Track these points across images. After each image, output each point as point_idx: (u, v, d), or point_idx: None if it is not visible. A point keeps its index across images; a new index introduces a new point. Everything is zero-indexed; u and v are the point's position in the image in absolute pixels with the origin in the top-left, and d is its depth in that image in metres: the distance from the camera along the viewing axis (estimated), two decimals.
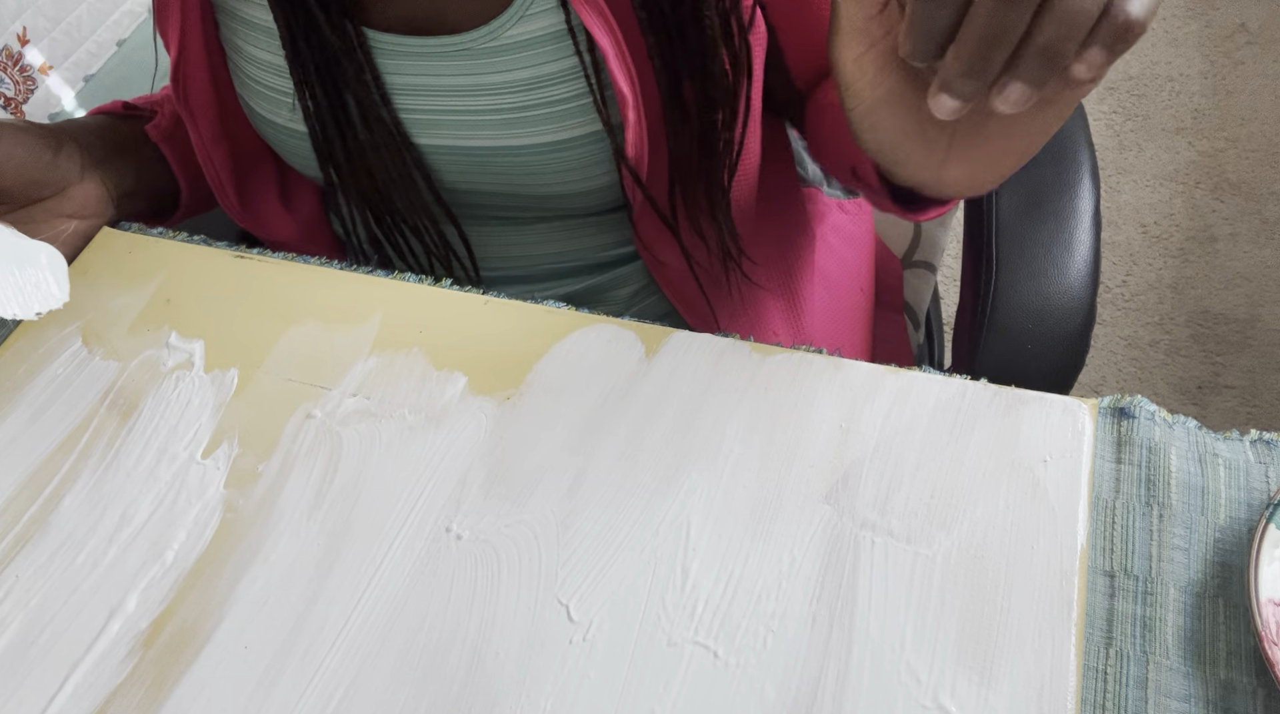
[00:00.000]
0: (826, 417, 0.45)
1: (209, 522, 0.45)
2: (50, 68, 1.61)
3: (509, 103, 0.54)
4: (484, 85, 0.54)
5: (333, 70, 0.55)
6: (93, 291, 0.55)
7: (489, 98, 0.55)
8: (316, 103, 0.56)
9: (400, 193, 0.59)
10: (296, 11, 0.54)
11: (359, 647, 0.41)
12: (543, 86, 0.54)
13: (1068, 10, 0.29)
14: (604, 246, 0.65)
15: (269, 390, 0.49)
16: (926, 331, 0.90)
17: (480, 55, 0.54)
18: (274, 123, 0.59)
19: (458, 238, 0.63)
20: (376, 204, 0.60)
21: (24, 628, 0.43)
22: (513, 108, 0.54)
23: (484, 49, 0.53)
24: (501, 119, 0.55)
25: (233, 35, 0.58)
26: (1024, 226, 0.64)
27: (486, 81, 0.54)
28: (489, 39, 0.53)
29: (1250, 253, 1.47)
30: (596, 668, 0.40)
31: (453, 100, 0.55)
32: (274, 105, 0.58)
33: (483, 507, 0.44)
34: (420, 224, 0.60)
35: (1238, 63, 1.70)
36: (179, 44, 0.57)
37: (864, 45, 0.35)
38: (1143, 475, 0.42)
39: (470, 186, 0.59)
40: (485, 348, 0.50)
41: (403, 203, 0.59)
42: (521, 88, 0.54)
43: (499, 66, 0.54)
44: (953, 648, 0.39)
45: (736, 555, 0.42)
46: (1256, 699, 0.37)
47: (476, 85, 0.55)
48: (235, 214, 0.65)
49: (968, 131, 0.37)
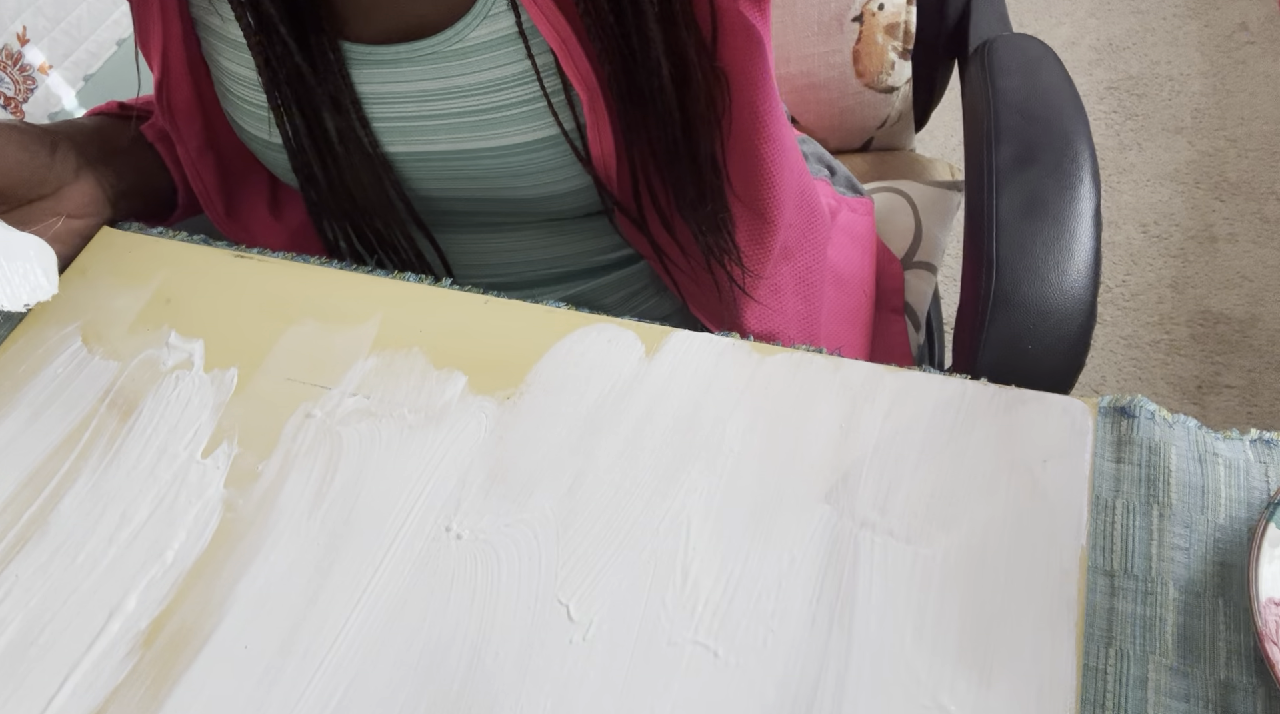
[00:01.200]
0: (826, 416, 0.45)
1: (209, 521, 0.45)
2: (50, 68, 1.61)
3: (476, 104, 0.54)
4: (452, 89, 0.54)
5: (308, 89, 0.55)
6: (93, 291, 0.55)
7: (457, 100, 0.55)
8: (293, 123, 0.56)
9: (378, 211, 0.59)
10: (268, 32, 0.54)
11: (359, 646, 0.41)
12: (507, 87, 0.54)
13: None
14: (599, 249, 0.65)
15: (269, 390, 0.49)
16: (927, 332, 0.90)
17: (448, 58, 0.54)
18: (257, 138, 0.59)
19: (433, 251, 0.63)
20: (357, 220, 0.60)
21: (24, 628, 0.43)
22: (480, 109, 0.54)
23: (450, 52, 0.53)
24: (470, 122, 0.55)
25: (213, 51, 0.58)
26: (1024, 227, 0.64)
27: (454, 84, 0.54)
28: (455, 41, 0.53)
29: (1250, 253, 1.47)
30: (596, 668, 0.40)
31: (423, 105, 0.55)
32: (256, 121, 0.58)
33: (483, 506, 0.44)
34: (397, 241, 0.60)
35: (1238, 63, 1.70)
36: (161, 61, 0.57)
37: None
38: (1143, 475, 0.42)
39: (447, 193, 0.59)
40: (485, 348, 0.50)
41: (380, 221, 0.60)
42: (487, 89, 0.54)
43: (465, 69, 0.54)
44: (953, 648, 0.38)
45: (736, 555, 0.42)
46: (1256, 699, 0.37)
47: (445, 89, 0.55)
48: (222, 226, 0.65)
49: None
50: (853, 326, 0.72)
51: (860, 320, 0.73)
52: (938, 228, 0.85)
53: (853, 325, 0.72)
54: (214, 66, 0.59)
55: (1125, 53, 1.75)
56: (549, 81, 0.53)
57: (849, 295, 0.72)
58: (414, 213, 0.59)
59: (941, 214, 0.86)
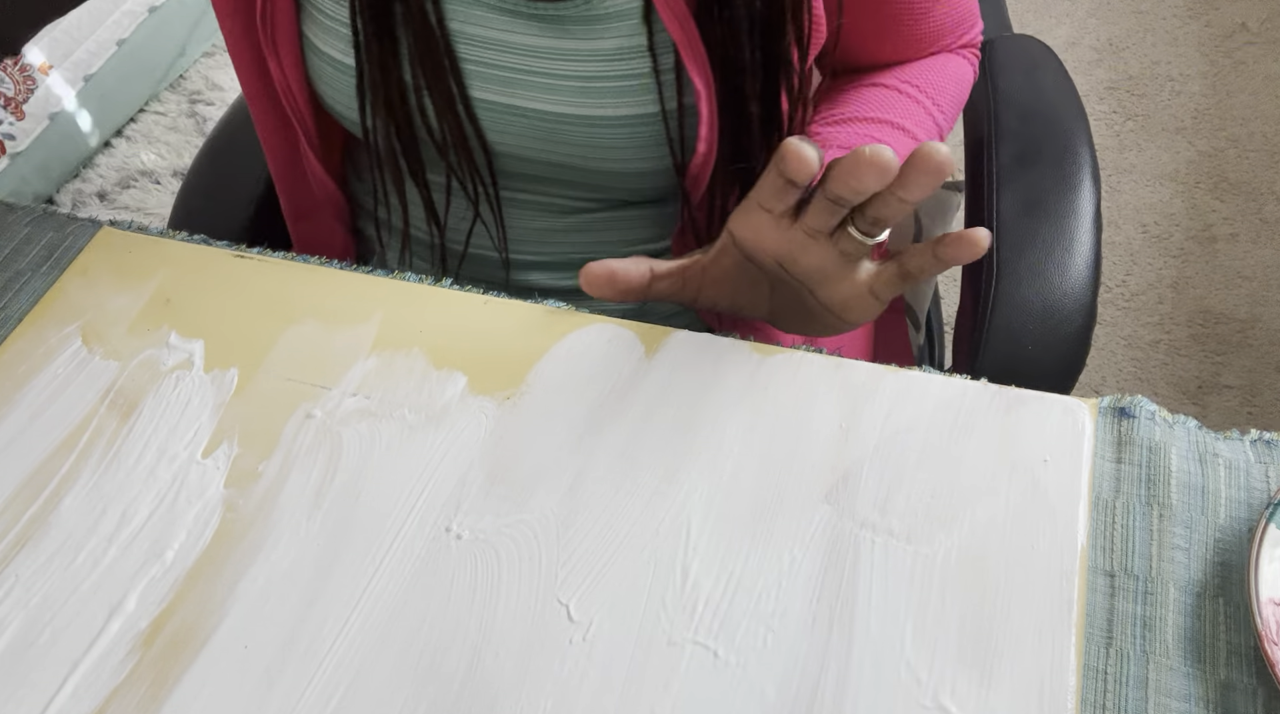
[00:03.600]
0: (826, 416, 0.45)
1: (209, 521, 0.45)
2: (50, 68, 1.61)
3: (590, 70, 0.54)
4: (568, 50, 0.54)
5: (390, 2, 0.54)
6: (93, 291, 0.55)
7: (572, 63, 0.54)
8: (367, 28, 0.55)
9: (452, 145, 0.58)
10: None
11: (359, 646, 0.41)
12: (625, 58, 0.54)
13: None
14: (633, 242, 0.65)
15: (269, 390, 0.50)
16: (927, 332, 0.90)
17: (574, 22, 0.54)
18: (327, 54, 0.58)
19: (488, 208, 0.62)
20: (411, 149, 0.59)
21: (24, 628, 0.43)
22: (593, 76, 0.54)
23: (579, 15, 0.53)
24: (579, 87, 0.55)
25: None
26: (1025, 227, 0.64)
27: (572, 46, 0.54)
28: (586, 8, 0.53)
29: (1250, 253, 1.47)
30: (596, 668, 0.40)
31: (530, 60, 0.55)
32: (330, 35, 0.58)
33: (483, 507, 0.44)
34: (462, 169, 0.60)
35: (1238, 63, 1.70)
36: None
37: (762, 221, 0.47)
38: (1143, 475, 0.42)
39: (523, 151, 0.59)
40: (485, 348, 0.50)
41: (453, 155, 0.59)
42: (605, 57, 0.54)
43: (588, 34, 0.54)
44: (953, 648, 0.39)
45: (736, 555, 0.42)
46: (1256, 699, 0.37)
47: (560, 49, 0.54)
48: (314, 149, 0.64)
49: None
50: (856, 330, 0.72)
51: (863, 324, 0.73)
52: (938, 228, 0.85)
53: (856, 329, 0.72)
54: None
55: (1125, 53, 1.75)
56: (664, 59, 0.53)
57: None
58: (490, 161, 0.59)
59: (942, 214, 0.86)
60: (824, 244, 0.46)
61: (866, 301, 0.48)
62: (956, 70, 0.65)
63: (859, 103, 0.61)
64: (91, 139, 1.72)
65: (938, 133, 0.63)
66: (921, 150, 0.40)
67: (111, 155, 1.75)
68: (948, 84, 0.64)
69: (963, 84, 0.66)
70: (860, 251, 0.46)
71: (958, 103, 0.65)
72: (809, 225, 0.45)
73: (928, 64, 0.64)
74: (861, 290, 0.47)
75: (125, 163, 1.74)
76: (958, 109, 0.65)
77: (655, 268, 0.50)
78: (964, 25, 0.65)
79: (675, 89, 0.54)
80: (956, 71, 0.65)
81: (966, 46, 0.67)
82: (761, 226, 0.47)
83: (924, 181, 0.41)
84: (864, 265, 0.47)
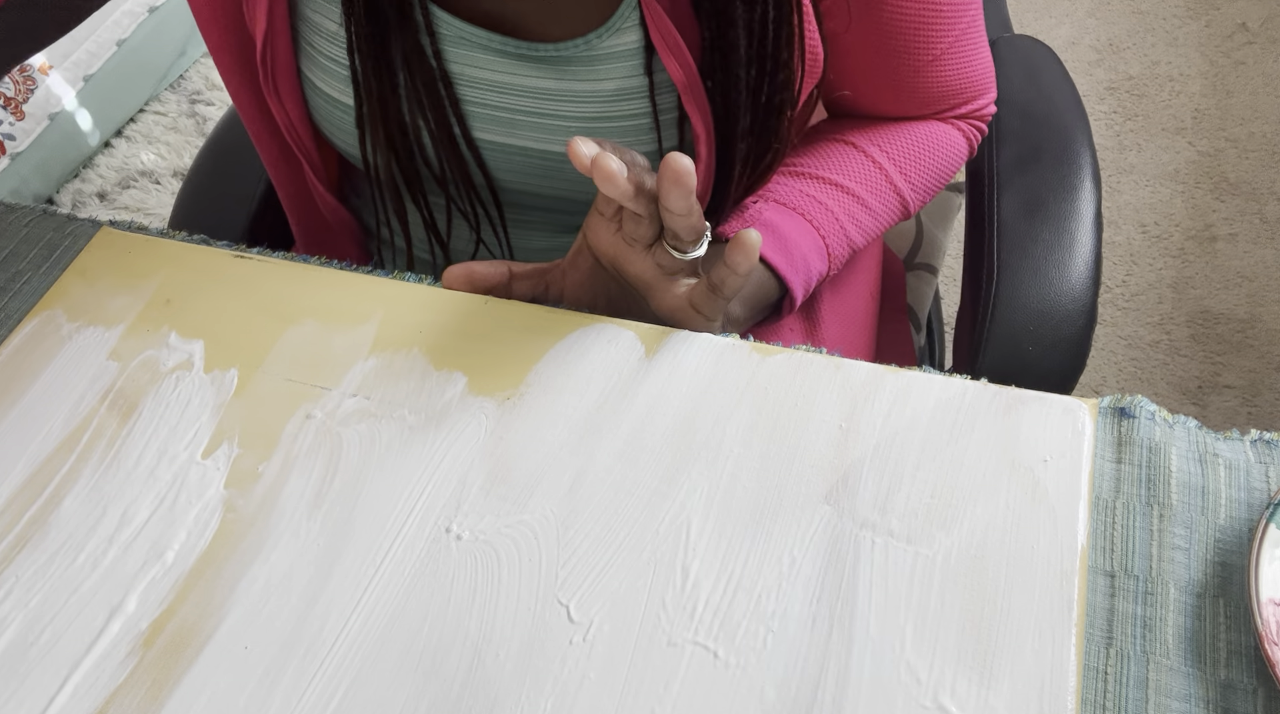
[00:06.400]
0: (826, 417, 0.45)
1: (209, 522, 0.45)
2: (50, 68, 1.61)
3: (591, 112, 0.55)
4: (569, 91, 0.55)
5: (386, 44, 0.55)
6: (92, 292, 0.55)
7: (572, 104, 0.55)
8: (365, 67, 0.55)
9: (453, 179, 0.59)
10: None
11: (359, 647, 0.41)
12: (625, 99, 0.54)
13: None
14: None
15: (269, 391, 0.50)
16: (928, 333, 0.90)
17: (574, 63, 0.54)
18: (326, 93, 0.59)
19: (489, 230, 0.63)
20: (413, 180, 0.60)
21: (24, 628, 0.43)
22: (594, 117, 0.55)
23: (579, 57, 0.54)
24: (580, 128, 0.55)
25: (303, 5, 0.58)
26: (1025, 228, 0.64)
27: (572, 88, 0.54)
28: (585, 49, 0.53)
29: (1250, 253, 1.47)
30: (596, 668, 0.40)
31: (531, 102, 0.56)
32: (328, 75, 0.58)
33: (483, 507, 0.44)
34: (463, 200, 0.61)
35: (1238, 63, 1.70)
36: (267, 20, 0.56)
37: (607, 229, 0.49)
38: (1143, 475, 0.42)
39: (525, 187, 0.60)
40: (485, 348, 0.50)
41: (453, 188, 0.60)
42: (606, 98, 0.54)
43: (588, 75, 0.54)
44: (953, 648, 0.39)
45: (736, 555, 0.42)
46: (1256, 699, 0.37)
47: (562, 90, 0.55)
48: (321, 179, 0.65)
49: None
50: (858, 332, 0.72)
51: (865, 325, 0.73)
52: (939, 229, 0.85)
53: (858, 331, 0.72)
54: (300, 20, 0.58)
55: (1125, 53, 1.75)
56: (664, 99, 0.54)
57: (852, 301, 0.72)
58: (495, 194, 0.60)
59: (942, 216, 0.86)
60: (643, 255, 0.48)
61: (690, 315, 0.49)
62: (941, 141, 0.64)
63: (819, 158, 0.62)
64: (91, 139, 1.72)
65: (898, 201, 0.62)
66: (666, 160, 0.42)
67: (111, 155, 1.75)
68: (923, 155, 0.63)
69: (945, 157, 0.64)
70: (675, 266, 0.48)
71: (935, 174, 0.64)
72: (627, 234, 0.48)
73: (909, 129, 0.63)
74: (683, 303, 0.49)
75: (125, 163, 1.74)
76: (934, 180, 0.64)
77: (514, 268, 0.52)
78: (967, 93, 0.63)
79: (676, 129, 0.55)
80: (941, 142, 0.63)
81: (971, 118, 0.65)
82: (599, 230, 0.49)
83: (673, 191, 0.42)
84: (684, 280, 0.49)
